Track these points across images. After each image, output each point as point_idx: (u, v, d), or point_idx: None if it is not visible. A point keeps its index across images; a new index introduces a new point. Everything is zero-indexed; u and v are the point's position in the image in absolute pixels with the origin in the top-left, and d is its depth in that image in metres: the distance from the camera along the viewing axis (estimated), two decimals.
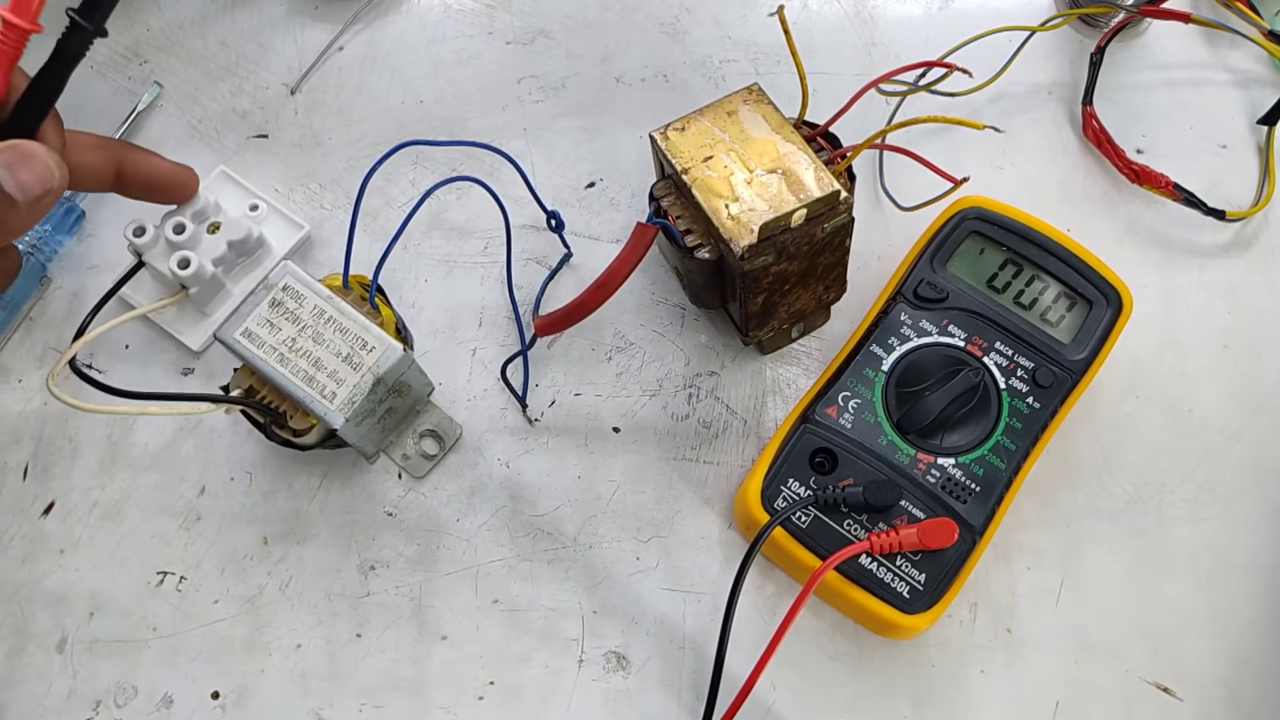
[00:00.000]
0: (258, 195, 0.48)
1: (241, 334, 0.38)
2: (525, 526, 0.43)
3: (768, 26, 0.52)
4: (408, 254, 0.47)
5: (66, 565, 0.43)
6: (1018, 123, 0.49)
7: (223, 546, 0.43)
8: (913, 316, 0.42)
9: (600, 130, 0.50)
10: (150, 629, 0.42)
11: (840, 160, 0.40)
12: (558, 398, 0.45)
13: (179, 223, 0.44)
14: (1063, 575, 0.42)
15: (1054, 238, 0.43)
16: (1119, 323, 0.42)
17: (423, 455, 0.44)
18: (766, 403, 0.45)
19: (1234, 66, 0.50)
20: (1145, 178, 0.47)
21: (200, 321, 0.46)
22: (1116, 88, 0.50)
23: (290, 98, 0.51)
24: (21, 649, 0.42)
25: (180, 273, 0.43)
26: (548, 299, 0.47)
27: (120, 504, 0.44)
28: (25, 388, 0.46)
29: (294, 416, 0.39)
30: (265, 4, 0.53)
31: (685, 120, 0.40)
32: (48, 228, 0.47)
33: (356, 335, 0.38)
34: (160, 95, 0.51)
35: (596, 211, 0.48)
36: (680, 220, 0.40)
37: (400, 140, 0.39)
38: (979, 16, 0.51)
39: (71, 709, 0.41)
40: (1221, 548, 0.42)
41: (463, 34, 0.52)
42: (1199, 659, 0.40)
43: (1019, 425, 0.40)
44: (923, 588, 0.38)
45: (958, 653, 0.41)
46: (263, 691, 0.41)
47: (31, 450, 0.45)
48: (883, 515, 0.38)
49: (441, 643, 0.41)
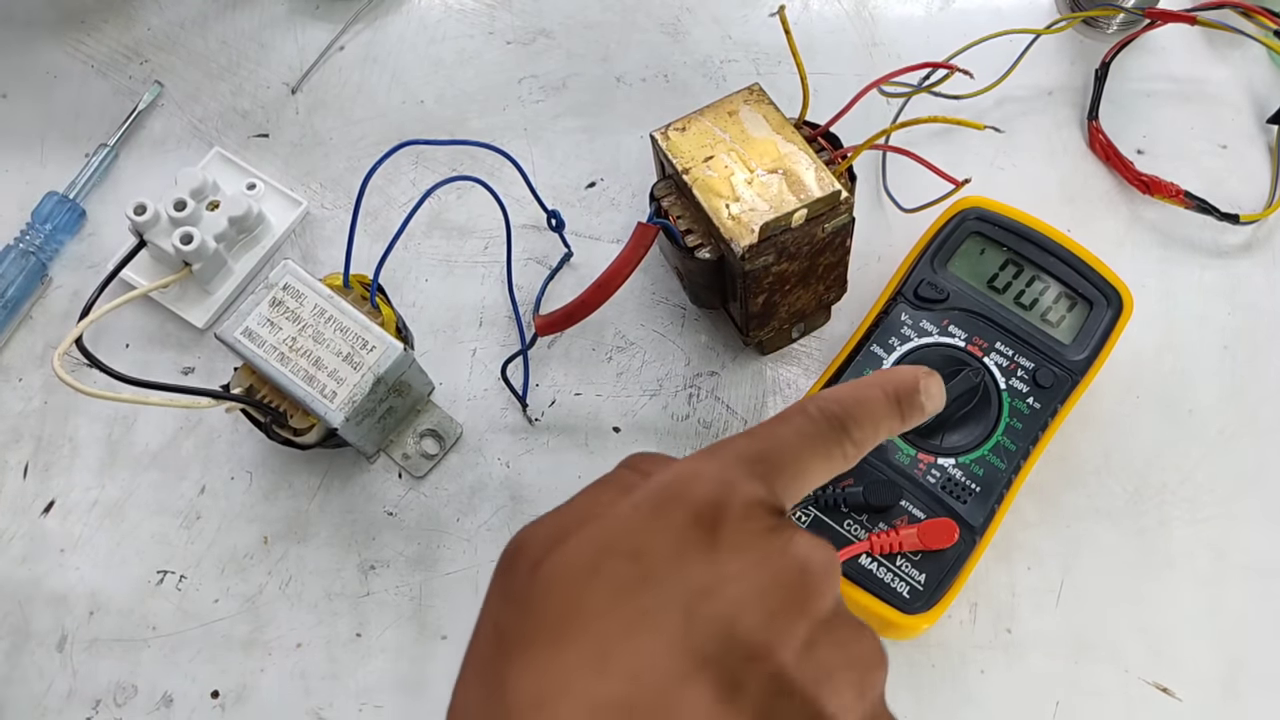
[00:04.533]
0: (255, 174, 0.48)
1: (242, 333, 0.38)
2: None
3: (768, 26, 0.52)
4: (408, 253, 0.47)
5: (66, 564, 0.43)
6: (1019, 124, 0.49)
7: (223, 546, 0.43)
8: (913, 317, 0.42)
9: (601, 130, 0.50)
10: (150, 628, 0.42)
11: (841, 160, 0.40)
12: (558, 397, 0.45)
13: (179, 199, 0.44)
14: (1063, 575, 0.42)
15: (1054, 238, 0.43)
16: (1119, 323, 0.42)
17: (423, 455, 0.44)
18: (767, 403, 0.45)
19: (1234, 66, 0.50)
20: (1156, 188, 0.47)
21: (203, 299, 0.46)
22: (1116, 88, 0.50)
23: (291, 97, 0.51)
24: (21, 648, 0.42)
25: (183, 248, 0.43)
26: (548, 299, 0.47)
27: (120, 503, 0.44)
28: (25, 387, 0.46)
29: (294, 416, 0.39)
30: (266, 3, 0.53)
31: (686, 120, 0.40)
32: (49, 227, 0.47)
33: (357, 334, 0.38)
34: (161, 94, 0.51)
35: (597, 211, 0.48)
36: (681, 220, 0.40)
37: (401, 140, 0.39)
38: (980, 17, 0.51)
39: (71, 708, 0.41)
40: (1221, 548, 0.42)
41: (463, 34, 0.52)
42: (1199, 659, 0.40)
43: (1019, 425, 0.40)
44: (923, 588, 0.38)
45: (958, 653, 0.41)
46: (263, 691, 0.41)
47: (31, 449, 0.45)
48: (883, 515, 0.38)
49: (441, 643, 0.41)
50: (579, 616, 0.24)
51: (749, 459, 0.27)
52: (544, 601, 0.24)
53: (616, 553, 0.25)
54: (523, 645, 0.24)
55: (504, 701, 0.23)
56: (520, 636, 0.24)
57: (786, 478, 0.27)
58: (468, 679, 0.25)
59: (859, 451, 0.29)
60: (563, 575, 0.25)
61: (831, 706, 0.24)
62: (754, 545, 0.25)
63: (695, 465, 0.26)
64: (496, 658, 0.24)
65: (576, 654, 0.23)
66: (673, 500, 0.25)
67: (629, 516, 0.25)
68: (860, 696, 0.25)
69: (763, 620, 0.24)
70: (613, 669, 0.23)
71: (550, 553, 0.25)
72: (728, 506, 0.25)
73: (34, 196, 0.48)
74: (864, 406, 0.30)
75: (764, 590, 0.24)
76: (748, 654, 0.23)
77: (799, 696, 0.24)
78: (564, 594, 0.24)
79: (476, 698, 0.25)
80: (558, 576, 0.25)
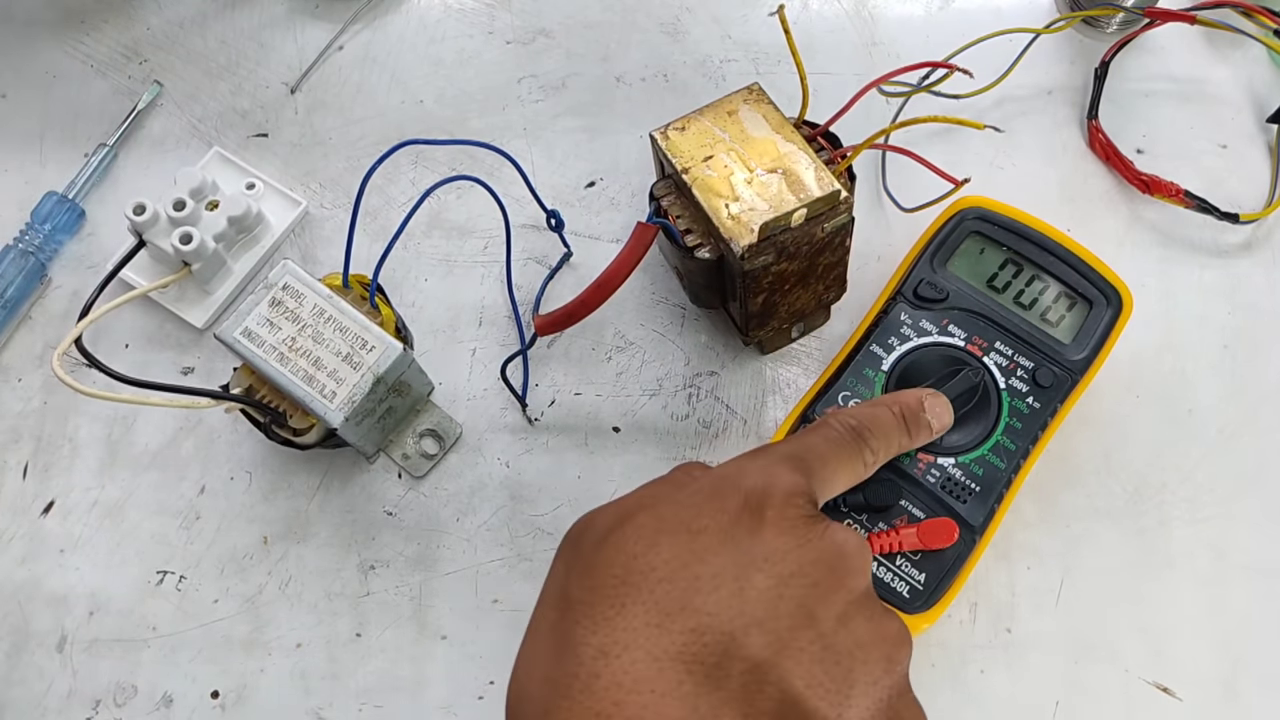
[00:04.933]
0: (254, 174, 0.48)
1: (241, 333, 0.38)
2: (525, 526, 0.43)
3: (768, 26, 0.52)
4: (408, 253, 0.47)
5: (66, 565, 0.43)
6: (1019, 124, 0.49)
7: (223, 546, 0.43)
8: (913, 316, 0.42)
9: (600, 130, 0.50)
10: (150, 628, 0.42)
11: (840, 160, 0.40)
12: (558, 397, 0.45)
13: (179, 199, 0.44)
14: (1063, 575, 0.42)
15: (1054, 238, 0.43)
16: (1119, 323, 0.42)
17: (423, 455, 0.44)
18: (766, 403, 0.45)
19: (1234, 66, 0.50)
20: (1156, 188, 0.47)
21: (203, 299, 0.46)
22: (1116, 87, 0.49)
23: (290, 97, 0.51)
24: (21, 648, 0.42)
25: (182, 248, 0.43)
26: (548, 298, 0.47)
27: (120, 503, 0.44)
28: (25, 387, 0.46)
29: (294, 416, 0.39)
30: (265, 3, 0.53)
31: (685, 120, 0.40)
32: (48, 227, 0.47)
33: (356, 334, 0.38)
34: (160, 94, 0.51)
35: (596, 211, 0.48)
36: (680, 220, 0.40)
37: (400, 140, 0.39)
38: (979, 17, 0.51)
39: (71, 708, 0.41)
40: (1221, 548, 0.42)
41: (463, 34, 0.52)
42: (1199, 659, 0.40)
43: (1019, 425, 0.40)
44: (922, 587, 0.38)
45: (958, 653, 0.41)
46: (263, 691, 0.41)
47: (31, 450, 0.45)
48: (882, 515, 0.38)
49: (441, 643, 0.41)
50: (644, 582, 0.27)
51: (789, 457, 0.30)
52: (608, 570, 0.27)
53: (675, 530, 0.27)
54: (588, 606, 0.27)
55: (574, 653, 0.26)
56: (586, 599, 0.27)
57: (819, 478, 0.31)
58: (534, 640, 0.28)
59: (876, 461, 0.34)
60: (627, 548, 0.27)
61: (862, 675, 0.27)
62: (795, 529, 0.28)
63: (742, 463, 0.30)
64: (563, 619, 0.27)
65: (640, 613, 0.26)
66: (725, 489, 0.28)
67: (687, 501, 0.28)
68: (887, 671, 0.27)
69: (806, 591, 0.27)
70: (672, 626, 0.26)
71: (614, 530, 0.28)
72: (772, 493, 0.28)
73: (33, 196, 0.48)
74: (877, 423, 0.34)
75: (807, 565, 0.27)
76: (792, 621, 0.26)
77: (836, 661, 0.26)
78: (627, 563, 0.27)
79: (545, 653, 0.27)
80: (622, 549, 0.27)
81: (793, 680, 0.25)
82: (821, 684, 0.26)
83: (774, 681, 0.25)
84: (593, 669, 0.25)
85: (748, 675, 0.25)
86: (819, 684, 0.26)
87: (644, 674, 0.25)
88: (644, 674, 0.25)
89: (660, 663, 0.25)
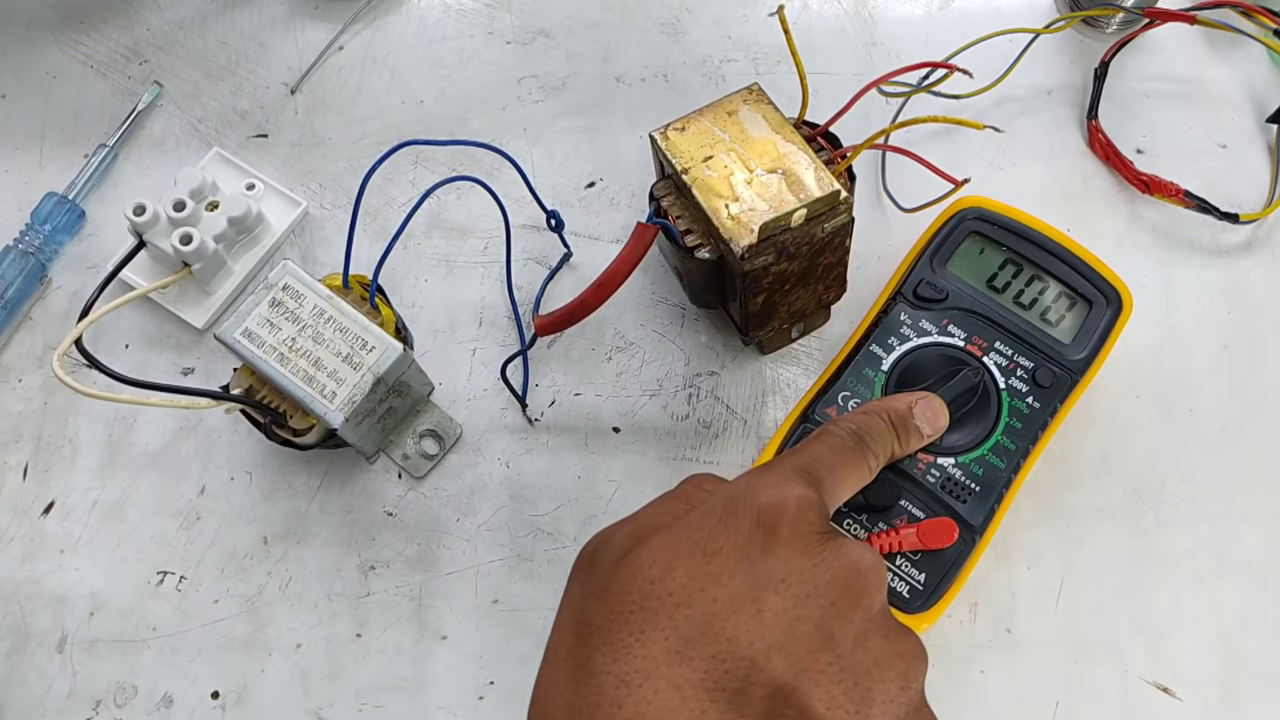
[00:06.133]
0: (254, 174, 0.48)
1: (241, 334, 0.38)
2: (525, 526, 0.43)
3: (768, 26, 0.52)
4: (408, 254, 0.47)
5: (66, 565, 0.43)
6: (1018, 124, 0.49)
7: (223, 546, 0.43)
8: (913, 316, 0.42)
9: (600, 130, 0.50)
10: (150, 629, 0.42)
11: (840, 160, 0.40)
12: (558, 397, 0.45)
13: (179, 200, 0.44)
14: (1063, 575, 0.42)
15: (1054, 238, 0.43)
16: (1119, 323, 0.42)
17: (423, 455, 0.44)
18: (766, 403, 0.45)
19: (1234, 66, 0.50)
20: (1155, 187, 0.47)
21: (203, 300, 0.46)
22: (1116, 87, 0.50)
23: (290, 97, 0.51)
24: (21, 649, 0.42)
25: (182, 249, 0.43)
26: (548, 299, 0.47)
27: (120, 504, 0.44)
28: (25, 387, 0.46)
29: (294, 416, 0.39)
30: (265, 4, 0.53)
31: (685, 120, 0.40)
32: (48, 228, 0.47)
33: (356, 335, 0.38)
34: (160, 95, 0.51)
35: (596, 211, 0.48)
36: (680, 220, 0.40)
37: (400, 140, 0.39)
38: (979, 17, 0.51)
39: (71, 709, 0.41)
40: (1221, 548, 0.42)
41: (463, 34, 0.52)
42: (1199, 659, 0.40)
43: (1019, 425, 0.40)
44: (922, 587, 0.38)
45: (958, 653, 0.41)
46: (263, 691, 0.41)
47: (31, 450, 0.45)
48: (882, 515, 0.38)
49: (441, 643, 0.41)
50: (661, 607, 0.27)
51: (798, 470, 0.30)
52: (625, 595, 0.27)
53: (691, 553, 0.27)
54: (606, 632, 0.27)
55: (594, 682, 0.26)
56: (604, 625, 0.27)
57: (828, 488, 0.31)
58: (553, 666, 0.28)
59: (878, 464, 0.34)
60: (644, 572, 0.27)
61: (880, 694, 0.27)
62: (809, 547, 0.28)
63: (753, 478, 0.30)
64: (582, 645, 0.27)
65: (659, 639, 0.26)
66: (737, 508, 0.28)
67: (700, 523, 0.28)
68: (904, 689, 0.28)
69: (824, 611, 0.27)
70: (693, 653, 0.26)
71: (630, 553, 0.28)
72: (784, 509, 0.28)
73: (33, 197, 0.48)
74: (872, 427, 0.35)
75: (823, 586, 0.27)
76: (811, 643, 0.27)
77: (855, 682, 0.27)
78: (644, 588, 0.27)
79: (565, 680, 0.27)
80: (639, 573, 0.27)
81: (813, 703, 0.26)
82: (841, 705, 0.26)
83: (795, 705, 0.26)
84: (615, 698, 0.26)
85: (769, 700, 0.26)
86: (839, 705, 0.26)
87: (667, 704, 0.25)
88: (667, 704, 0.25)
89: (683, 691, 0.26)
